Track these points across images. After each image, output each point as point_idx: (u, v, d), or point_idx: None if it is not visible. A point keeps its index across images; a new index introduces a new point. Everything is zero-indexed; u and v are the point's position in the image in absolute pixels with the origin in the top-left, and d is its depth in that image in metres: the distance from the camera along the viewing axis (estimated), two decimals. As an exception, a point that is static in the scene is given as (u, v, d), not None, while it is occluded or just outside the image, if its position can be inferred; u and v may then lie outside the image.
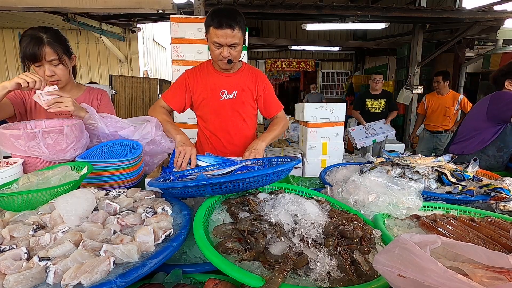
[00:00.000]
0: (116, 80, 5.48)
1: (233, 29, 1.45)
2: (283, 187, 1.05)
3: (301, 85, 11.61)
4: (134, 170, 1.28)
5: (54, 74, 1.40)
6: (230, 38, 1.46)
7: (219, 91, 1.70)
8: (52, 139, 1.25)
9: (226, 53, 1.52)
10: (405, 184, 1.01)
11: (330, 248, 0.68)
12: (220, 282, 0.62)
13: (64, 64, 1.43)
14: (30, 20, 5.53)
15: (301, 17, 5.44)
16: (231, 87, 1.71)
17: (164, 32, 8.35)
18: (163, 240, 0.70)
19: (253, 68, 1.81)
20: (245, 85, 1.74)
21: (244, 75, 1.74)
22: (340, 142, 3.32)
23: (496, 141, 2.00)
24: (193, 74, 1.72)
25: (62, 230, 0.72)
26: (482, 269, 0.45)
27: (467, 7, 5.15)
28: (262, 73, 1.83)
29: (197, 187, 0.87)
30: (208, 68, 1.72)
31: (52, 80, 1.40)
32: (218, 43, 1.49)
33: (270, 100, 1.83)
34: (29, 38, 1.33)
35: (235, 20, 1.44)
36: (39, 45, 1.33)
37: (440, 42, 6.39)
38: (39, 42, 1.33)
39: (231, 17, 1.44)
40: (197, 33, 3.34)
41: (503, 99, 1.97)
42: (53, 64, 1.39)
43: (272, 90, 1.85)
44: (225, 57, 1.54)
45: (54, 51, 1.37)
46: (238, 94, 1.72)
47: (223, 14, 1.45)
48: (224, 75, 1.70)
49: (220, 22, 1.43)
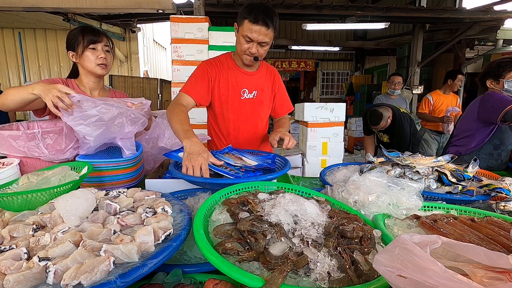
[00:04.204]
0: (116, 80, 5.48)
1: (268, 27, 1.41)
2: (283, 187, 1.05)
3: (301, 85, 11.61)
4: (134, 170, 1.28)
5: (106, 58, 1.51)
6: (263, 35, 1.43)
7: (240, 90, 1.65)
8: (51, 139, 1.25)
9: (254, 49, 1.47)
10: (405, 184, 1.01)
11: (330, 248, 0.68)
12: (220, 282, 0.62)
13: (112, 54, 1.57)
14: (30, 20, 5.53)
15: (301, 17, 5.44)
16: (252, 87, 1.67)
17: (164, 32, 8.35)
18: (163, 240, 0.70)
19: (267, 65, 1.76)
20: (264, 85, 1.71)
21: (263, 74, 1.70)
22: (340, 142, 3.32)
23: (492, 139, 2.02)
24: (214, 67, 1.62)
25: (62, 230, 0.72)
26: (482, 269, 0.45)
27: (467, 7, 5.16)
28: (275, 69, 1.79)
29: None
30: (229, 63, 1.64)
31: (104, 63, 1.51)
32: (250, 37, 1.44)
33: (283, 98, 1.79)
34: (84, 28, 1.49)
35: (271, 19, 1.41)
36: (97, 31, 1.51)
37: (440, 42, 6.39)
38: (97, 30, 1.52)
39: (269, 15, 1.40)
40: (197, 33, 3.34)
41: (489, 101, 2.00)
42: (106, 50, 1.52)
43: (284, 88, 1.81)
44: (253, 53, 1.49)
45: (108, 39, 1.54)
46: (258, 94, 1.69)
47: (262, 10, 1.40)
48: (246, 73, 1.65)
49: (256, 18, 1.39)
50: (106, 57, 1.51)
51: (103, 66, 1.51)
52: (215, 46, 3.37)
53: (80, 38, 1.45)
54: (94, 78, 1.55)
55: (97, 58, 1.48)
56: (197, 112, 3.18)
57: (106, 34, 1.54)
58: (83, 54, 1.47)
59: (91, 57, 1.47)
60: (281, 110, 1.82)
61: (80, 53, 1.47)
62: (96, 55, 1.48)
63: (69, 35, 1.50)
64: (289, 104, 1.86)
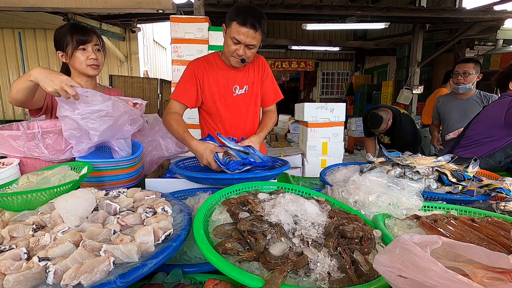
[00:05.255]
0: (116, 80, 5.48)
1: (256, 30, 1.41)
2: (284, 187, 1.05)
3: (301, 85, 11.61)
4: (134, 170, 1.28)
5: (97, 58, 1.47)
6: (251, 38, 1.43)
7: (232, 87, 1.65)
8: (51, 139, 1.25)
9: (241, 51, 1.48)
10: (405, 184, 1.01)
11: (330, 248, 0.68)
12: (220, 282, 0.62)
13: (102, 52, 1.52)
14: (30, 20, 5.53)
15: (301, 17, 5.44)
16: (242, 82, 1.67)
17: (164, 32, 8.35)
18: (163, 240, 0.70)
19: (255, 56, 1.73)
20: (255, 78, 1.70)
21: (251, 67, 1.70)
22: (340, 142, 3.32)
23: (506, 148, 1.92)
24: (202, 67, 1.62)
25: (62, 230, 0.72)
26: (483, 269, 0.45)
27: (467, 7, 5.15)
28: (262, 57, 1.75)
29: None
30: (217, 62, 1.64)
31: (95, 63, 1.48)
32: (238, 39, 1.44)
33: (269, 86, 1.75)
34: (73, 26, 1.45)
35: (260, 22, 1.41)
36: (87, 30, 1.45)
37: (440, 42, 6.39)
38: (86, 28, 1.46)
39: (257, 18, 1.40)
40: (197, 33, 3.35)
41: None
42: (96, 49, 1.48)
43: (272, 75, 1.76)
44: (240, 56, 1.50)
45: (98, 37, 1.49)
46: (249, 88, 1.69)
47: (250, 13, 1.40)
48: (234, 70, 1.65)
49: (245, 20, 1.38)
50: (97, 57, 1.46)
51: (94, 66, 1.47)
52: (215, 46, 3.37)
53: (68, 38, 1.40)
54: (86, 77, 1.52)
55: (88, 59, 1.44)
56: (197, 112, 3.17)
57: (96, 31, 1.49)
58: (73, 56, 1.42)
59: (81, 58, 1.43)
60: (268, 98, 1.79)
61: (70, 54, 1.42)
62: (86, 56, 1.43)
63: (57, 34, 1.43)
64: (278, 93, 1.81)
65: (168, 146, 1.65)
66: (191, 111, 1.83)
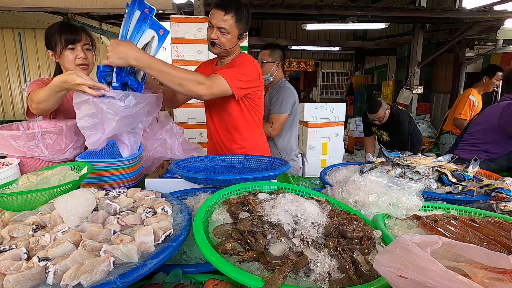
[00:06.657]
0: (116, 80, 5.47)
1: (225, 13, 1.42)
2: (283, 187, 1.05)
3: (301, 85, 11.61)
4: (134, 170, 1.28)
5: (86, 57, 1.46)
6: (221, 21, 1.43)
7: None
8: (51, 139, 1.25)
9: (214, 35, 1.47)
10: (406, 184, 1.00)
11: (330, 248, 0.68)
12: (220, 283, 0.62)
13: (93, 51, 1.51)
14: (30, 20, 5.52)
15: (301, 17, 5.44)
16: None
17: (164, 32, 8.33)
18: (163, 240, 0.69)
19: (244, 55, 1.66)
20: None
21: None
22: (340, 142, 3.32)
23: (510, 154, 1.88)
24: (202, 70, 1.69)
25: (62, 230, 0.72)
26: (483, 269, 0.45)
27: (467, 7, 5.15)
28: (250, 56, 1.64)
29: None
30: (213, 64, 1.69)
31: (84, 63, 1.46)
32: (211, 23, 1.46)
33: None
34: (62, 25, 1.42)
35: (231, 5, 1.42)
36: (76, 30, 1.43)
37: (440, 42, 6.39)
38: (75, 27, 1.45)
39: (232, 2, 1.43)
40: (197, 33, 3.34)
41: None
42: (86, 48, 1.47)
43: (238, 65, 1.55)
44: (211, 38, 1.48)
45: (87, 36, 1.48)
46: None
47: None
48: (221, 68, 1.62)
49: (217, 3, 1.43)
50: (86, 56, 1.45)
51: (83, 66, 1.46)
52: (215, 46, 3.36)
53: (57, 37, 1.39)
54: None
55: (77, 59, 1.43)
56: (197, 112, 3.17)
57: (86, 30, 1.48)
58: (62, 55, 1.42)
59: (70, 57, 1.42)
60: None
61: (59, 53, 1.42)
62: (75, 55, 1.42)
63: (47, 33, 1.43)
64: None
65: (173, 147, 1.65)
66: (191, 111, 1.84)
